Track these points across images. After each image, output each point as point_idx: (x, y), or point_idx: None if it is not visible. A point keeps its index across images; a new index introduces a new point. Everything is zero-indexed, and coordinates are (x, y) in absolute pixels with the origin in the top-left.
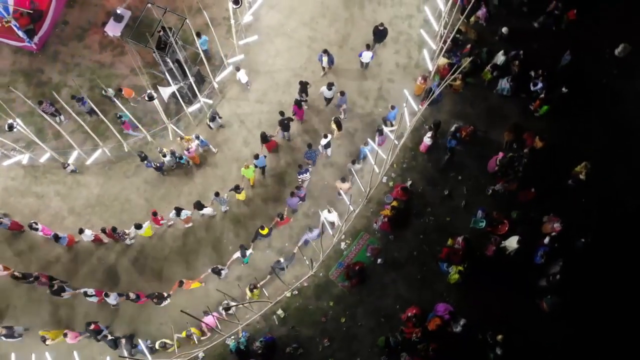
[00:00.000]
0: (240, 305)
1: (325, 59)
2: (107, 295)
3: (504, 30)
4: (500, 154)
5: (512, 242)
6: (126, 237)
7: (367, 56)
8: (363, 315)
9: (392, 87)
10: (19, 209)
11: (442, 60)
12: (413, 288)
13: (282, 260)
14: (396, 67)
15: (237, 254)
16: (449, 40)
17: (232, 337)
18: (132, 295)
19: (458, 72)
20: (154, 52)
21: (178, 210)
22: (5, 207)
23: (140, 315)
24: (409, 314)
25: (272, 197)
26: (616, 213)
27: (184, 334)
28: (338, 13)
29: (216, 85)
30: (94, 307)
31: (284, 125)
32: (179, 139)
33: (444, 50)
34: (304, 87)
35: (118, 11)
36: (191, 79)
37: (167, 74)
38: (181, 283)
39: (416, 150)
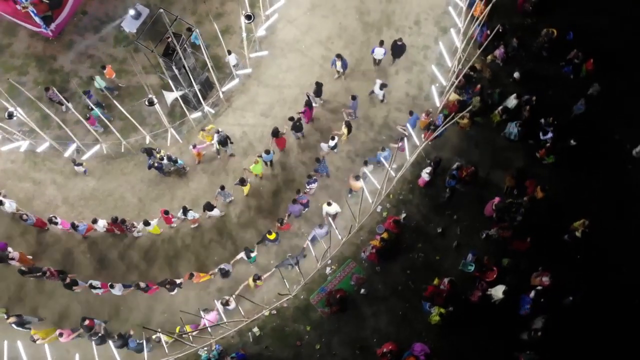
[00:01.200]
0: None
1: (338, 63)
2: (112, 286)
3: (516, 75)
4: (497, 199)
5: (498, 291)
6: (134, 229)
7: (379, 52)
8: (339, 344)
9: (399, 116)
10: (14, 193)
11: (453, 96)
12: (393, 323)
13: (290, 254)
14: (406, 97)
15: (242, 255)
16: (461, 76)
17: (205, 348)
18: (142, 285)
19: (465, 111)
20: (160, 58)
21: (185, 210)
22: (1, 189)
23: (138, 311)
24: (385, 350)
25: (277, 199)
26: (609, 277)
27: (177, 329)
28: (355, 36)
29: (221, 95)
30: (95, 302)
31: (296, 126)
32: (202, 131)
33: (454, 86)
34: (319, 88)
35: (137, 8)
36: (196, 87)
37: (170, 80)
38: (191, 275)
39: (414, 184)
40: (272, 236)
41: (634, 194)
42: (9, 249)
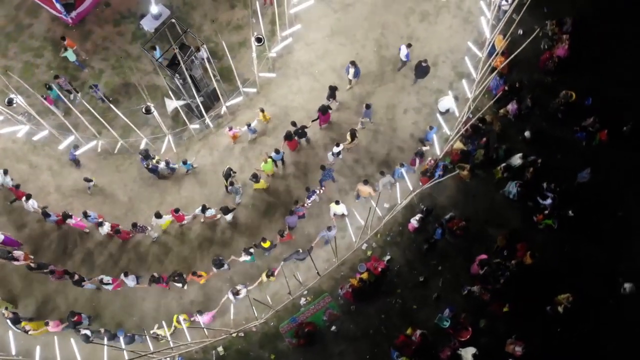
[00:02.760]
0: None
1: (352, 70)
2: (126, 274)
3: (527, 134)
4: (483, 256)
5: (468, 353)
6: (148, 229)
7: (403, 52)
8: None
9: (400, 156)
10: (10, 174)
11: (458, 145)
12: None
13: (300, 250)
14: (410, 138)
15: (244, 257)
16: (468, 126)
17: (168, 358)
18: (156, 275)
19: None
20: (162, 67)
21: (204, 208)
22: None
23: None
24: None
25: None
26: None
27: (174, 320)
28: (370, 68)
29: (225, 109)
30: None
31: (299, 134)
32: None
33: (460, 135)
34: (332, 92)
35: (157, 8)
36: (198, 100)
37: (174, 88)
38: (194, 273)
39: (405, 227)
40: (267, 244)
41: (629, 276)
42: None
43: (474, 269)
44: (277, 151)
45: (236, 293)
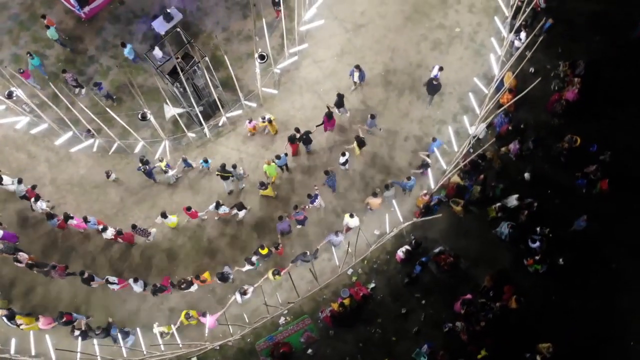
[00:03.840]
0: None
1: (356, 74)
2: (136, 280)
3: (526, 175)
4: (468, 296)
5: None
6: (149, 235)
7: (435, 71)
8: None
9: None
10: (8, 161)
11: (455, 179)
12: None
13: (307, 253)
14: (408, 166)
15: (247, 267)
16: (467, 161)
17: None
18: (157, 285)
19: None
20: (160, 75)
21: (218, 205)
22: None
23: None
24: None
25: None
26: None
27: (182, 316)
28: (375, 92)
29: (225, 119)
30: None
31: (304, 140)
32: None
33: (459, 169)
34: (340, 99)
35: (169, 11)
36: (197, 109)
37: (167, 99)
38: (197, 277)
39: (393, 256)
40: (265, 251)
41: (615, 334)
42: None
43: (457, 307)
44: (278, 157)
45: (244, 293)
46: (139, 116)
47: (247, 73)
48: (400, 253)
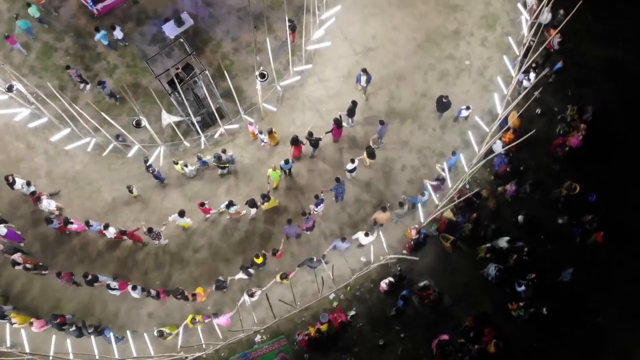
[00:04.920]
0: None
1: (363, 78)
2: (134, 288)
3: (520, 218)
4: (445, 337)
5: None
6: (161, 239)
7: (464, 113)
8: None
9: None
10: (7, 150)
11: (447, 214)
12: None
13: (314, 259)
14: (401, 194)
15: (240, 274)
16: (463, 198)
17: None
18: (152, 292)
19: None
20: (161, 83)
21: (230, 204)
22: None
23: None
24: None
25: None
26: None
27: (189, 320)
28: (377, 117)
29: (223, 130)
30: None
31: (313, 144)
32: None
33: (454, 204)
34: (353, 106)
35: (181, 15)
36: (194, 119)
37: (163, 109)
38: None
39: (377, 285)
40: (260, 260)
41: None
42: (17, 254)
43: (434, 344)
44: (286, 161)
45: (251, 295)
46: (133, 123)
47: (252, 85)
48: (383, 284)
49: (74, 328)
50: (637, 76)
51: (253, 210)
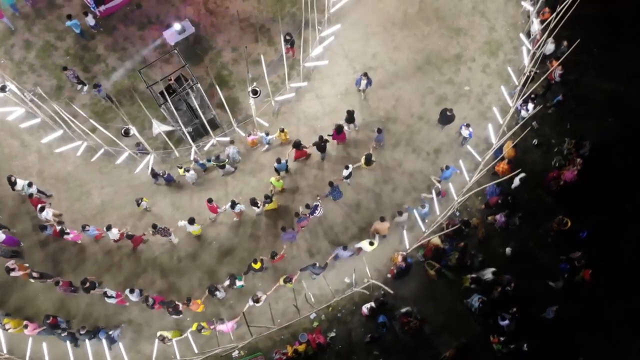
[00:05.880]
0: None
1: (364, 82)
2: (132, 291)
3: (508, 250)
4: None
5: None
6: (170, 235)
7: (465, 132)
8: None
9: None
10: (1, 146)
11: (435, 240)
12: None
13: (317, 264)
14: (390, 218)
15: (227, 282)
16: (451, 226)
17: None
18: (150, 300)
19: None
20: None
21: (233, 204)
22: None
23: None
24: None
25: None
26: None
27: (194, 327)
28: (371, 137)
29: (214, 141)
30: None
31: (320, 147)
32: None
33: (443, 232)
34: (350, 116)
35: (182, 23)
36: (184, 129)
37: (153, 119)
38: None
39: (359, 308)
40: (257, 265)
41: None
42: (11, 261)
43: None
44: (278, 161)
45: (257, 300)
46: (122, 132)
47: (249, 97)
48: (364, 309)
49: (66, 334)
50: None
51: (257, 210)
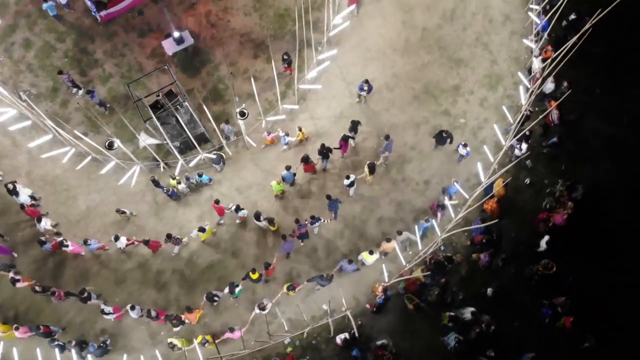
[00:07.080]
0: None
1: (365, 87)
2: (132, 307)
3: (489, 290)
4: None
5: None
6: (182, 242)
7: (462, 151)
8: None
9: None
10: None
11: (418, 274)
12: None
13: (324, 275)
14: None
15: (227, 290)
16: (433, 260)
17: None
18: (152, 313)
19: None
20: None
21: (238, 208)
22: None
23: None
24: None
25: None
26: None
27: (199, 339)
28: (362, 163)
29: (202, 156)
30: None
31: (324, 154)
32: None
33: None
34: (354, 125)
35: (181, 34)
36: (171, 144)
37: (141, 131)
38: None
39: (334, 336)
40: (255, 276)
41: None
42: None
43: None
44: (288, 167)
45: (262, 308)
46: (106, 144)
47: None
48: (338, 340)
49: (55, 343)
50: (638, 160)
51: (261, 223)
